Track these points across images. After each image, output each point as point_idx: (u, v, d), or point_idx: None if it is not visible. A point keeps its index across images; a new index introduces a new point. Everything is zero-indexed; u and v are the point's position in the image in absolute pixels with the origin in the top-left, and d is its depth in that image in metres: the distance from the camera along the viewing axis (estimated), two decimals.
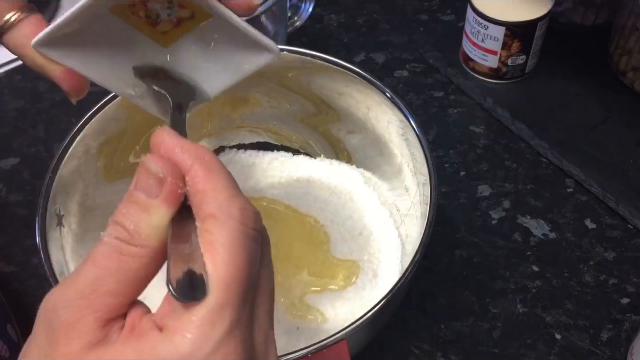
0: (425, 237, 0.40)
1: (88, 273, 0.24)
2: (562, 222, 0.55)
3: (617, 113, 0.62)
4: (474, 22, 0.61)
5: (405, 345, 0.49)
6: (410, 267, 0.39)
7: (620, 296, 0.51)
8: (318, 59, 0.49)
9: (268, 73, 0.52)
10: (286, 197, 0.54)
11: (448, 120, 0.63)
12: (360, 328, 0.36)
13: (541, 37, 0.62)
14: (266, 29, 0.60)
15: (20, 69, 0.69)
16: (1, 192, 0.59)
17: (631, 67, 0.61)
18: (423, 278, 0.51)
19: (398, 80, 0.67)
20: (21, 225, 0.56)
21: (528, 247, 0.54)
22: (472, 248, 0.54)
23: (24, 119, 0.64)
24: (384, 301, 0.37)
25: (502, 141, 0.61)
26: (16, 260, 0.54)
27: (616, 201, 0.55)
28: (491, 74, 0.64)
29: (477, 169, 0.59)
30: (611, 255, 0.53)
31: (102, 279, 0.24)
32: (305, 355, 0.35)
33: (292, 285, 0.49)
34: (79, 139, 0.45)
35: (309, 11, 0.65)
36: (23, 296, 0.52)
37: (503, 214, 0.56)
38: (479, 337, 0.49)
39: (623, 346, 0.48)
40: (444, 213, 0.56)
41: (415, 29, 0.72)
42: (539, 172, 0.59)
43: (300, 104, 0.54)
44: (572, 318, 0.50)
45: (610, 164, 0.58)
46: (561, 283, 0.52)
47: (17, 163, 0.61)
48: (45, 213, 0.42)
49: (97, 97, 0.47)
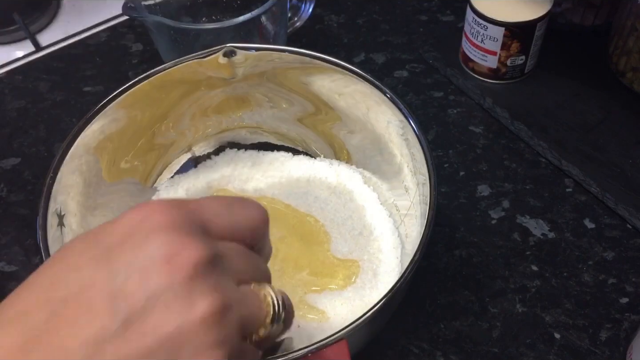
0: (425, 237, 0.40)
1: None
2: (561, 222, 0.55)
3: (616, 113, 0.62)
4: (474, 23, 0.61)
5: (405, 344, 0.49)
6: (410, 267, 0.39)
7: (619, 296, 0.51)
8: (318, 59, 0.49)
9: (268, 73, 0.52)
10: (286, 196, 0.54)
11: (447, 121, 0.63)
12: (360, 328, 0.36)
13: (540, 37, 0.62)
14: (266, 29, 0.61)
15: (21, 69, 0.69)
16: (2, 192, 0.59)
17: (630, 67, 0.62)
18: (423, 278, 0.51)
19: (398, 81, 0.67)
20: (22, 225, 0.56)
21: (527, 246, 0.54)
22: (471, 248, 0.54)
23: (24, 119, 0.65)
24: (384, 301, 0.37)
25: (501, 141, 0.61)
26: (17, 260, 0.54)
27: (615, 201, 0.55)
28: (490, 75, 0.64)
29: (476, 169, 0.59)
30: (610, 255, 0.53)
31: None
32: (305, 354, 0.35)
33: (292, 285, 0.49)
34: (80, 139, 0.46)
35: (309, 12, 0.65)
36: None
37: (502, 214, 0.56)
38: (478, 336, 0.49)
39: (622, 345, 0.48)
40: (443, 213, 0.56)
41: (415, 30, 0.72)
42: (538, 172, 0.59)
43: (300, 104, 0.54)
44: (571, 318, 0.50)
45: (609, 163, 0.58)
46: (560, 283, 0.52)
47: (18, 163, 0.61)
48: (45, 213, 0.42)
49: (97, 98, 0.47)
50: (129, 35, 0.72)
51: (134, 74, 0.67)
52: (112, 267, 0.25)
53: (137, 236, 0.26)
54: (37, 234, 0.41)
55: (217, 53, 0.48)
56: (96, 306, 0.25)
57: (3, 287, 0.52)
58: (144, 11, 0.58)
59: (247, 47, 0.49)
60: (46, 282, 0.26)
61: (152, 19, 0.57)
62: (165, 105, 0.52)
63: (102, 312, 0.24)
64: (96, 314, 0.24)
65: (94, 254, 0.26)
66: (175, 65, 0.49)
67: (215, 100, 0.54)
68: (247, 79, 0.52)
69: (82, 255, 0.26)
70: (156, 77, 0.48)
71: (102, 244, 0.26)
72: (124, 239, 0.26)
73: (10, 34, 0.72)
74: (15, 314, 0.25)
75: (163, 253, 0.25)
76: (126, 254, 0.25)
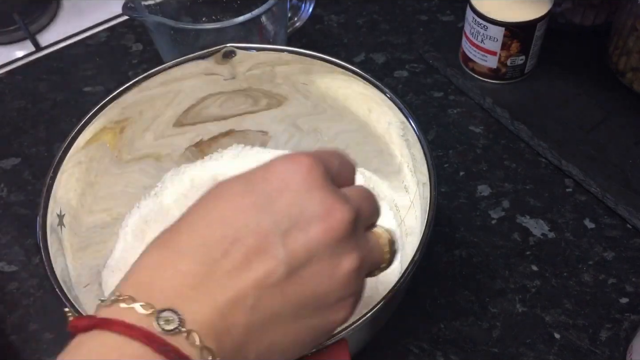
0: (425, 237, 0.40)
1: None
2: (562, 222, 0.55)
3: (616, 113, 0.62)
4: (474, 23, 0.61)
5: (405, 344, 0.49)
6: (410, 267, 0.39)
7: (619, 296, 0.51)
8: (318, 59, 0.49)
9: (268, 73, 0.52)
10: None
11: (447, 121, 0.63)
12: (360, 328, 0.36)
13: (540, 37, 0.62)
14: (266, 29, 0.61)
15: (21, 69, 0.69)
16: (2, 192, 0.59)
17: (630, 67, 0.62)
18: (423, 278, 0.51)
19: (398, 81, 0.67)
20: (22, 225, 0.56)
21: (527, 246, 0.54)
22: (471, 248, 0.54)
23: (24, 119, 0.65)
24: (384, 301, 0.37)
25: (501, 141, 0.61)
26: (17, 260, 0.54)
27: (615, 201, 0.55)
28: (490, 75, 0.64)
29: (476, 169, 0.59)
30: (610, 255, 0.53)
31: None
32: (305, 355, 0.35)
33: None
34: (80, 139, 0.46)
35: (309, 12, 0.65)
36: (23, 296, 0.52)
37: (502, 214, 0.56)
38: (478, 336, 0.49)
39: (622, 345, 0.48)
40: (443, 213, 0.56)
41: (415, 30, 0.72)
42: (538, 172, 0.59)
43: (300, 104, 0.54)
44: (571, 318, 0.50)
45: (609, 163, 0.58)
46: (560, 283, 0.52)
47: (18, 163, 0.61)
48: (45, 213, 0.42)
49: (97, 98, 0.47)
50: (129, 35, 0.72)
51: (134, 74, 0.67)
52: (275, 217, 0.28)
53: (293, 189, 0.29)
54: (37, 234, 0.41)
55: (217, 53, 0.48)
56: (265, 252, 0.28)
57: (3, 287, 0.52)
58: (144, 11, 0.58)
59: (247, 47, 0.49)
60: (217, 218, 0.28)
61: (152, 19, 0.57)
62: (165, 105, 0.52)
63: (270, 258, 0.27)
64: (265, 259, 0.27)
65: (255, 200, 0.28)
66: (175, 65, 0.49)
67: (216, 100, 0.54)
68: (247, 79, 0.52)
69: (245, 198, 0.29)
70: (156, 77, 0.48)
71: (261, 191, 0.29)
72: (281, 189, 0.29)
73: (10, 34, 0.72)
74: (195, 245, 0.28)
75: (319, 211, 0.29)
76: (287, 205, 0.28)
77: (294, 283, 0.28)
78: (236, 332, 0.27)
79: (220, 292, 0.27)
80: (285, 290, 0.28)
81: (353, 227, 0.30)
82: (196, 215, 0.29)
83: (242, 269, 0.27)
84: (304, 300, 0.29)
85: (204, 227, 0.28)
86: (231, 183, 0.30)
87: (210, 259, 0.27)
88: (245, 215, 0.28)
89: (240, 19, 0.56)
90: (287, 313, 0.28)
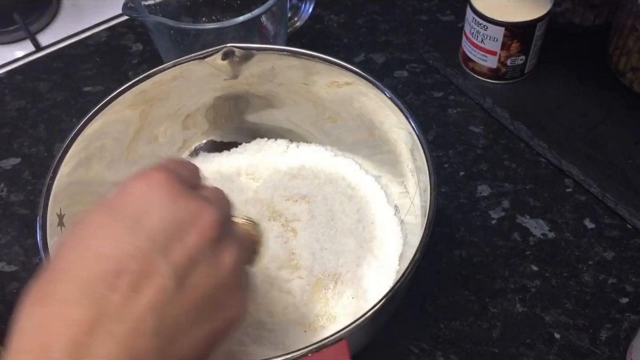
0: (425, 237, 0.40)
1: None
2: (561, 222, 0.56)
3: (616, 113, 0.62)
4: (474, 23, 0.61)
5: (405, 344, 0.49)
6: (410, 267, 0.39)
7: (619, 296, 0.51)
8: (318, 59, 0.49)
9: (268, 73, 0.52)
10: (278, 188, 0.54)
11: (447, 121, 0.63)
12: (360, 328, 0.36)
13: (540, 37, 0.62)
14: (266, 29, 0.61)
15: (21, 69, 0.69)
16: (2, 192, 0.59)
17: (630, 67, 0.62)
18: (423, 278, 0.51)
19: (398, 81, 0.67)
20: (22, 225, 0.56)
21: (527, 246, 0.54)
22: (471, 248, 0.54)
23: (24, 119, 0.65)
24: (383, 301, 0.37)
25: (501, 141, 0.61)
26: (17, 260, 0.54)
27: (615, 201, 0.55)
28: (490, 75, 0.64)
29: (476, 169, 0.59)
30: (610, 255, 0.53)
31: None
32: (305, 354, 0.35)
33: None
34: (80, 139, 0.46)
35: (309, 12, 0.65)
36: (23, 296, 0.52)
37: (502, 214, 0.56)
38: (478, 336, 0.49)
39: (622, 345, 0.48)
40: (443, 213, 0.56)
41: (415, 30, 0.72)
42: (538, 172, 0.59)
43: (300, 104, 0.54)
44: (571, 318, 0.50)
45: (609, 163, 0.58)
46: (560, 283, 0.52)
47: (18, 163, 0.61)
48: (45, 213, 0.42)
49: (97, 98, 0.47)
50: (129, 35, 0.72)
51: (134, 74, 0.67)
52: (150, 235, 0.28)
53: (157, 204, 0.29)
54: (37, 234, 0.41)
55: (217, 53, 0.48)
56: (150, 272, 0.27)
57: (3, 287, 0.52)
58: (144, 11, 0.58)
59: (247, 47, 0.49)
60: (92, 255, 0.28)
61: (152, 19, 0.57)
62: (165, 105, 0.52)
63: (157, 277, 0.28)
64: (153, 280, 0.27)
65: (125, 225, 0.28)
66: (175, 65, 0.49)
67: (218, 101, 0.54)
68: (247, 79, 0.52)
69: (113, 227, 0.29)
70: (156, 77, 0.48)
71: (127, 215, 0.29)
72: (146, 208, 0.29)
73: (10, 34, 0.72)
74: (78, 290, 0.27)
75: (189, 218, 0.30)
76: (157, 221, 0.29)
77: (187, 292, 0.29)
78: (148, 357, 0.27)
79: (118, 326, 0.26)
80: (181, 301, 0.28)
81: (222, 223, 0.31)
82: (68, 259, 0.28)
83: (133, 297, 0.27)
84: (200, 304, 0.29)
85: (82, 269, 0.27)
86: (93, 217, 0.30)
87: (98, 298, 0.26)
88: (121, 243, 0.28)
89: (240, 19, 0.56)
90: (190, 322, 0.29)
